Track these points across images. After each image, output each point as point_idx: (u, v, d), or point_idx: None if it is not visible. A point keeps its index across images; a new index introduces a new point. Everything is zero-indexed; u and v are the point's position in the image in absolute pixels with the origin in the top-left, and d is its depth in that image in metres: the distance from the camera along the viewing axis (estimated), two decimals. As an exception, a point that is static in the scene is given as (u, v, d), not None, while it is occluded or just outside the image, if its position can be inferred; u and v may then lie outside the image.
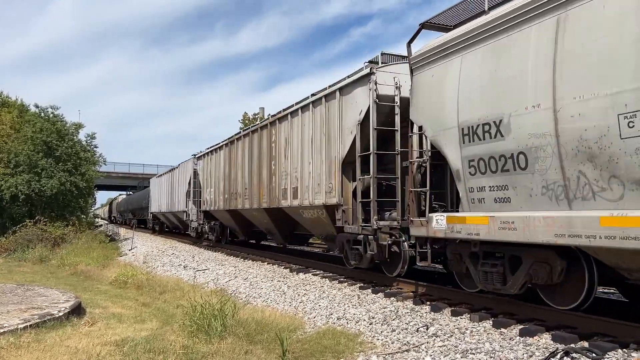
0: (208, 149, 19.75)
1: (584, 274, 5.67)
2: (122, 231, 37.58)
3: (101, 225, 55.31)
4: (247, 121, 39.95)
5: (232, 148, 16.66)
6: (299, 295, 9.10)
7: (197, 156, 21.70)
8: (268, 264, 13.68)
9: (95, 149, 28.99)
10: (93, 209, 62.15)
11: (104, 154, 35.83)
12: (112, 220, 63.90)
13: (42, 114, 26.89)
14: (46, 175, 24.20)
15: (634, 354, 4.70)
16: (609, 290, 8.33)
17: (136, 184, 54.96)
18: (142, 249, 21.80)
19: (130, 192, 55.85)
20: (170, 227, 31.10)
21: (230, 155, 16.83)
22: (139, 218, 43.58)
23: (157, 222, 34.36)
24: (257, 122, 17.13)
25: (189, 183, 22.62)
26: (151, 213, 33.73)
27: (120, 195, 63.15)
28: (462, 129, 6.41)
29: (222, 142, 17.83)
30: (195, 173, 21.97)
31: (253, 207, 14.40)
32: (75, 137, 27.12)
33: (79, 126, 27.71)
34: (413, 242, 7.92)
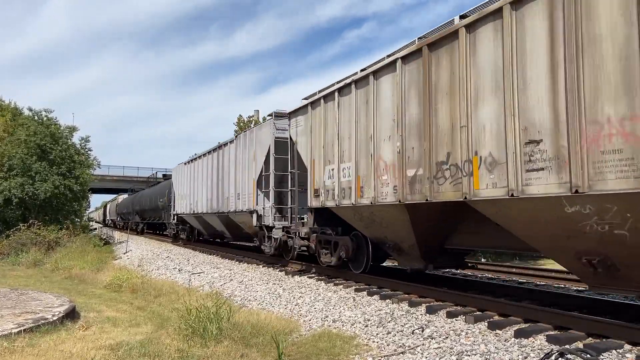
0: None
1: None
2: (117, 235, 37.41)
3: (95, 228, 55.12)
4: (241, 124, 39.94)
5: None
6: (294, 298, 9.09)
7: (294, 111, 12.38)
8: (263, 266, 13.66)
9: (89, 152, 28.91)
10: (87, 212, 61.81)
11: (98, 156, 35.52)
12: (107, 224, 63.34)
13: (36, 117, 26.80)
14: (40, 179, 24.09)
15: (628, 355, 4.73)
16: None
17: (130, 187, 53.22)
18: (136, 252, 21.72)
19: (131, 191, 48.88)
20: (208, 235, 22.36)
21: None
22: (150, 222, 35.88)
23: (183, 228, 24.71)
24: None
25: (265, 163, 13.84)
26: (174, 215, 25.04)
27: (120, 195, 54.90)
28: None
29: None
30: (278, 143, 13.43)
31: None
32: (69, 141, 27.01)
33: (72, 129, 27.62)
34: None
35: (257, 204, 14.12)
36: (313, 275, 11.24)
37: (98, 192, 70.31)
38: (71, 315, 7.53)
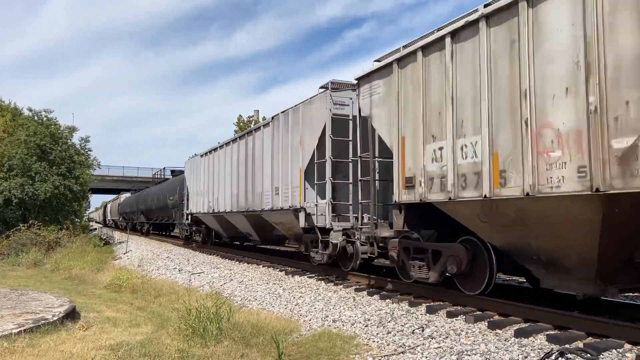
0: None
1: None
2: (117, 235, 37.39)
3: (95, 228, 55.07)
4: (241, 124, 39.96)
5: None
6: (294, 297, 9.09)
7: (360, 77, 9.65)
8: (263, 266, 13.66)
9: (89, 152, 28.92)
10: (87, 212, 61.72)
11: (98, 156, 35.53)
12: (107, 224, 63.23)
13: (36, 118, 26.81)
14: (40, 179, 24.09)
15: (628, 354, 4.73)
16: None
17: (129, 187, 52.93)
18: (136, 252, 21.72)
19: (134, 190, 45.97)
20: (228, 237, 19.60)
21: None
22: (157, 222, 32.79)
23: (198, 230, 21.68)
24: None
25: (317, 148, 11.07)
26: (187, 214, 22.01)
27: (122, 194, 51.28)
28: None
29: None
30: (336, 122, 10.78)
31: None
32: (69, 141, 27.02)
33: (72, 129, 27.63)
34: None
35: (304, 200, 11.24)
36: (313, 275, 11.23)
37: (98, 193, 70.33)
38: (71, 315, 7.53)
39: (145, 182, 54.46)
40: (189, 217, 21.81)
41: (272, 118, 13.28)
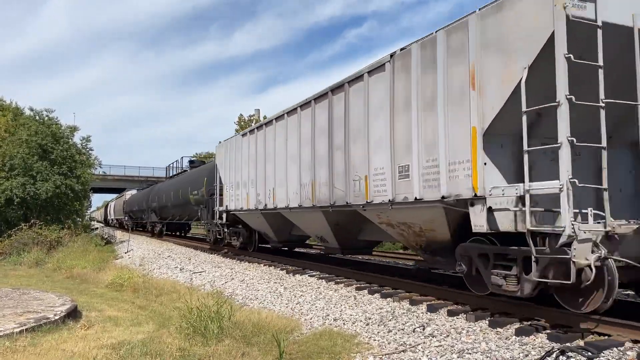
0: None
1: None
2: (118, 234, 37.43)
3: (97, 228, 55.10)
4: (242, 123, 40.00)
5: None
6: (295, 296, 9.10)
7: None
8: (265, 265, 13.67)
9: (90, 151, 28.96)
10: (89, 211, 61.73)
11: (99, 156, 35.55)
12: (109, 224, 63.19)
13: (37, 117, 26.85)
14: (41, 179, 24.13)
15: (629, 353, 4.73)
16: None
17: (130, 187, 52.26)
18: (138, 251, 21.75)
19: (141, 187, 42.04)
20: (279, 242, 14.68)
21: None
22: (175, 221, 27.87)
23: (235, 232, 16.87)
24: None
25: (513, 91, 5.75)
26: (222, 212, 16.98)
27: (127, 191, 47.81)
28: None
29: None
30: (578, 30, 5.34)
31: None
32: (70, 140, 27.06)
33: (74, 129, 27.66)
34: None
35: (484, 184, 6.18)
36: (314, 273, 11.23)
37: (99, 192, 70.45)
38: (73, 314, 7.55)
39: (146, 180, 54.15)
40: (223, 215, 16.83)
41: (393, 55, 7.93)
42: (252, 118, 40.49)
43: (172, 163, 40.90)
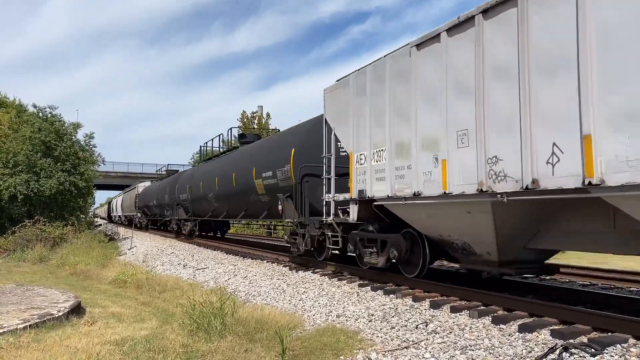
0: None
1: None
2: (122, 231, 37.52)
3: (100, 224, 55.23)
4: (245, 120, 40.00)
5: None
6: (298, 293, 9.11)
7: None
8: (267, 262, 13.68)
9: (93, 148, 29.02)
10: (92, 208, 61.86)
11: (102, 153, 35.63)
12: (113, 221, 63.28)
13: (41, 114, 26.91)
14: (45, 175, 24.22)
15: (632, 349, 4.71)
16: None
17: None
18: (141, 248, 21.80)
19: (156, 179, 37.30)
20: (498, 266, 7.19)
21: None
22: (219, 218, 19.96)
23: (373, 240, 9.21)
24: None
25: None
26: (353, 202, 9.35)
27: (140, 183, 42.69)
28: None
29: None
30: None
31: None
32: (73, 137, 27.14)
33: (77, 126, 27.72)
34: None
35: None
36: (318, 270, 11.24)
37: (102, 189, 70.65)
38: (76, 310, 7.57)
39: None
40: (351, 209, 9.51)
41: None
42: (255, 114, 40.47)
43: (212, 139, 31.35)
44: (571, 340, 5.04)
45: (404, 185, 7.88)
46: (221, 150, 26.09)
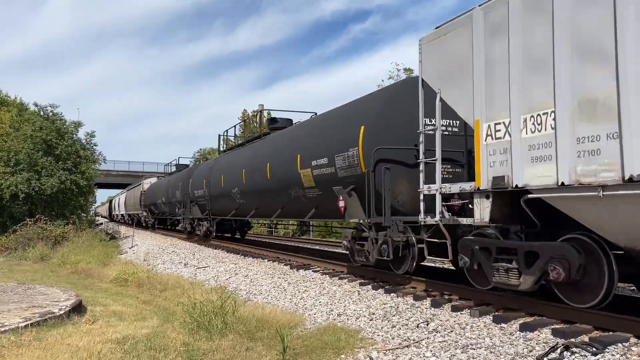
0: None
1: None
2: (123, 229, 37.56)
3: (101, 223, 55.29)
4: (246, 118, 39.97)
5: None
6: (299, 292, 9.11)
7: None
8: (268, 260, 13.69)
9: (94, 147, 29.05)
10: (94, 207, 61.89)
11: (103, 152, 35.55)
12: (113, 219, 63.33)
13: (42, 113, 26.94)
14: (46, 174, 24.26)
15: (634, 348, 4.71)
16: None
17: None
18: (142, 247, 21.82)
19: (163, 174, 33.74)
20: None
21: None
22: (248, 217, 16.71)
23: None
24: None
25: None
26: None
27: (145, 179, 38.96)
28: None
29: None
30: None
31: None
32: (74, 136, 27.17)
33: (78, 124, 27.76)
34: None
35: None
36: (318, 269, 11.25)
37: (103, 188, 70.70)
38: (78, 309, 7.58)
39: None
40: (477, 204, 6.60)
41: None
42: (255, 113, 40.45)
43: (235, 126, 26.62)
44: (572, 339, 5.04)
45: (601, 165, 4.95)
46: (237, 142, 23.45)
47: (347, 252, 9.94)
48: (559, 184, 5.35)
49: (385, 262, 8.81)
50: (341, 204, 9.73)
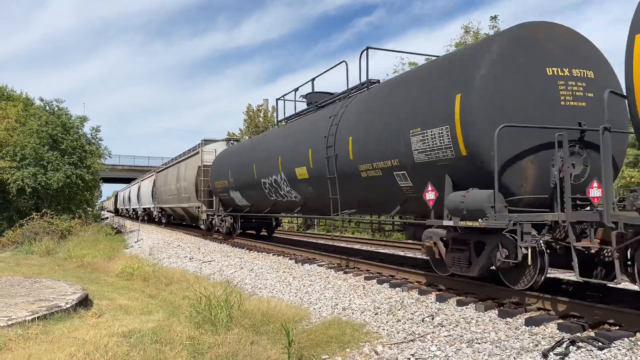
0: None
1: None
2: (128, 224, 37.66)
3: (107, 217, 55.52)
4: (250, 113, 39.95)
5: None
6: (304, 286, 9.12)
7: None
8: (273, 255, 13.70)
9: (100, 141, 29.10)
10: (100, 201, 62.10)
11: (108, 146, 35.65)
12: (118, 214, 63.60)
13: (47, 107, 27.00)
14: (52, 168, 24.36)
15: (640, 343, 4.69)
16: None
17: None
18: (147, 241, 21.89)
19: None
20: None
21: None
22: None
23: None
24: None
25: None
26: None
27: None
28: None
29: None
30: None
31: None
32: (80, 130, 27.23)
33: (83, 119, 27.80)
34: None
35: None
36: (323, 264, 11.25)
37: (109, 182, 70.87)
38: (84, 303, 7.62)
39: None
40: None
41: None
42: (260, 107, 40.41)
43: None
44: (578, 334, 5.03)
45: None
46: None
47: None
48: None
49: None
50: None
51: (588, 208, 6.50)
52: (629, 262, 5.53)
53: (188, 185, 22.44)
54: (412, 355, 5.08)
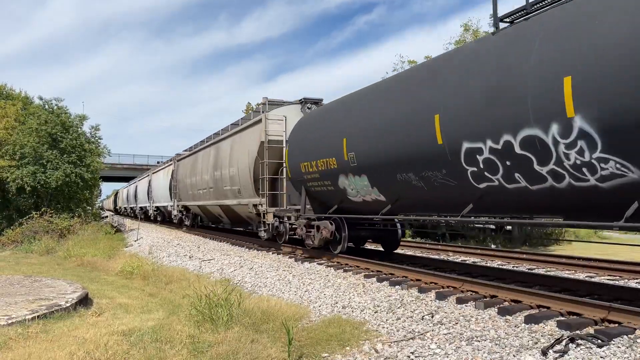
0: None
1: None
2: (128, 222, 37.65)
3: (106, 216, 55.53)
4: (250, 111, 39.97)
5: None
6: (304, 284, 9.13)
7: None
8: (273, 253, 13.71)
9: (99, 140, 29.12)
10: (99, 200, 62.09)
11: (108, 145, 35.74)
12: (118, 212, 63.59)
13: (46, 106, 27.01)
14: (51, 167, 24.36)
15: (639, 340, 4.70)
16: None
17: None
18: (147, 239, 21.90)
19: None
20: None
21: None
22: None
23: None
24: None
25: None
26: None
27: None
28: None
29: None
30: None
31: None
32: (79, 129, 27.23)
33: (83, 118, 27.80)
34: None
35: None
36: (323, 262, 11.26)
37: (109, 181, 70.88)
38: (84, 301, 7.62)
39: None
40: None
41: None
42: (259, 106, 40.46)
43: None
44: (578, 331, 5.04)
45: None
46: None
47: None
48: None
49: None
50: None
51: None
52: None
53: (238, 172, 15.20)
54: (412, 353, 5.09)
